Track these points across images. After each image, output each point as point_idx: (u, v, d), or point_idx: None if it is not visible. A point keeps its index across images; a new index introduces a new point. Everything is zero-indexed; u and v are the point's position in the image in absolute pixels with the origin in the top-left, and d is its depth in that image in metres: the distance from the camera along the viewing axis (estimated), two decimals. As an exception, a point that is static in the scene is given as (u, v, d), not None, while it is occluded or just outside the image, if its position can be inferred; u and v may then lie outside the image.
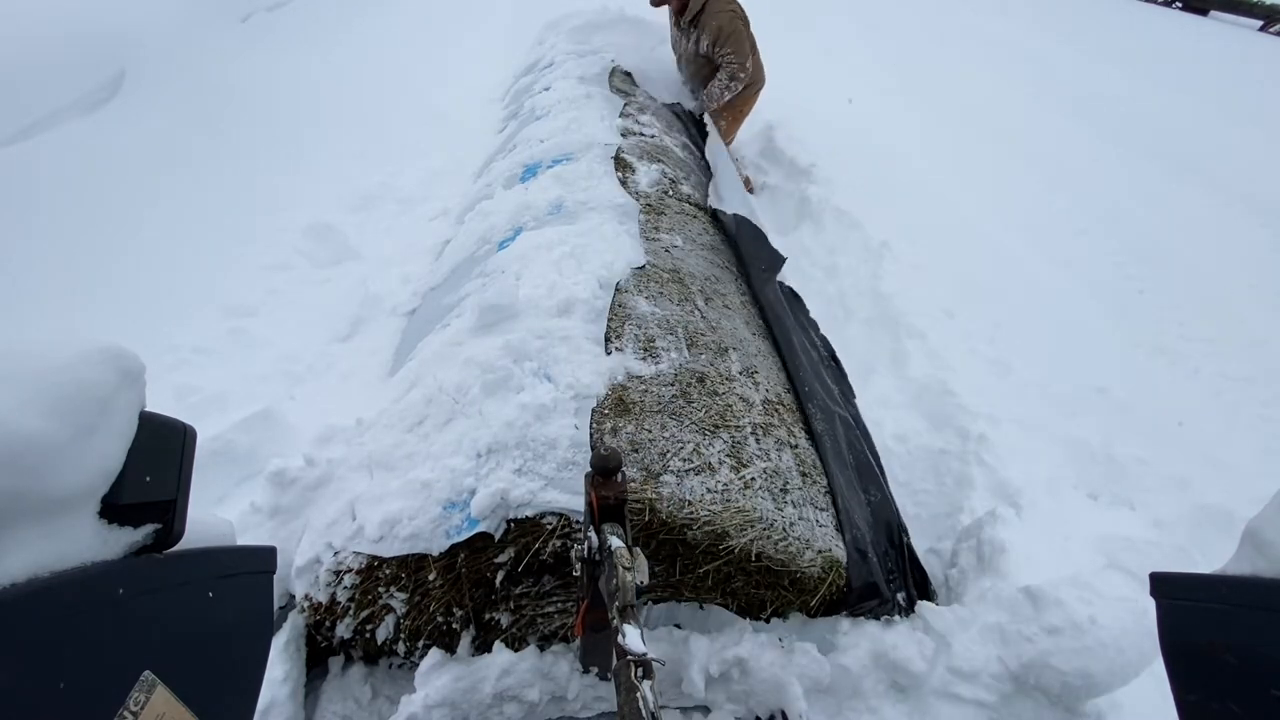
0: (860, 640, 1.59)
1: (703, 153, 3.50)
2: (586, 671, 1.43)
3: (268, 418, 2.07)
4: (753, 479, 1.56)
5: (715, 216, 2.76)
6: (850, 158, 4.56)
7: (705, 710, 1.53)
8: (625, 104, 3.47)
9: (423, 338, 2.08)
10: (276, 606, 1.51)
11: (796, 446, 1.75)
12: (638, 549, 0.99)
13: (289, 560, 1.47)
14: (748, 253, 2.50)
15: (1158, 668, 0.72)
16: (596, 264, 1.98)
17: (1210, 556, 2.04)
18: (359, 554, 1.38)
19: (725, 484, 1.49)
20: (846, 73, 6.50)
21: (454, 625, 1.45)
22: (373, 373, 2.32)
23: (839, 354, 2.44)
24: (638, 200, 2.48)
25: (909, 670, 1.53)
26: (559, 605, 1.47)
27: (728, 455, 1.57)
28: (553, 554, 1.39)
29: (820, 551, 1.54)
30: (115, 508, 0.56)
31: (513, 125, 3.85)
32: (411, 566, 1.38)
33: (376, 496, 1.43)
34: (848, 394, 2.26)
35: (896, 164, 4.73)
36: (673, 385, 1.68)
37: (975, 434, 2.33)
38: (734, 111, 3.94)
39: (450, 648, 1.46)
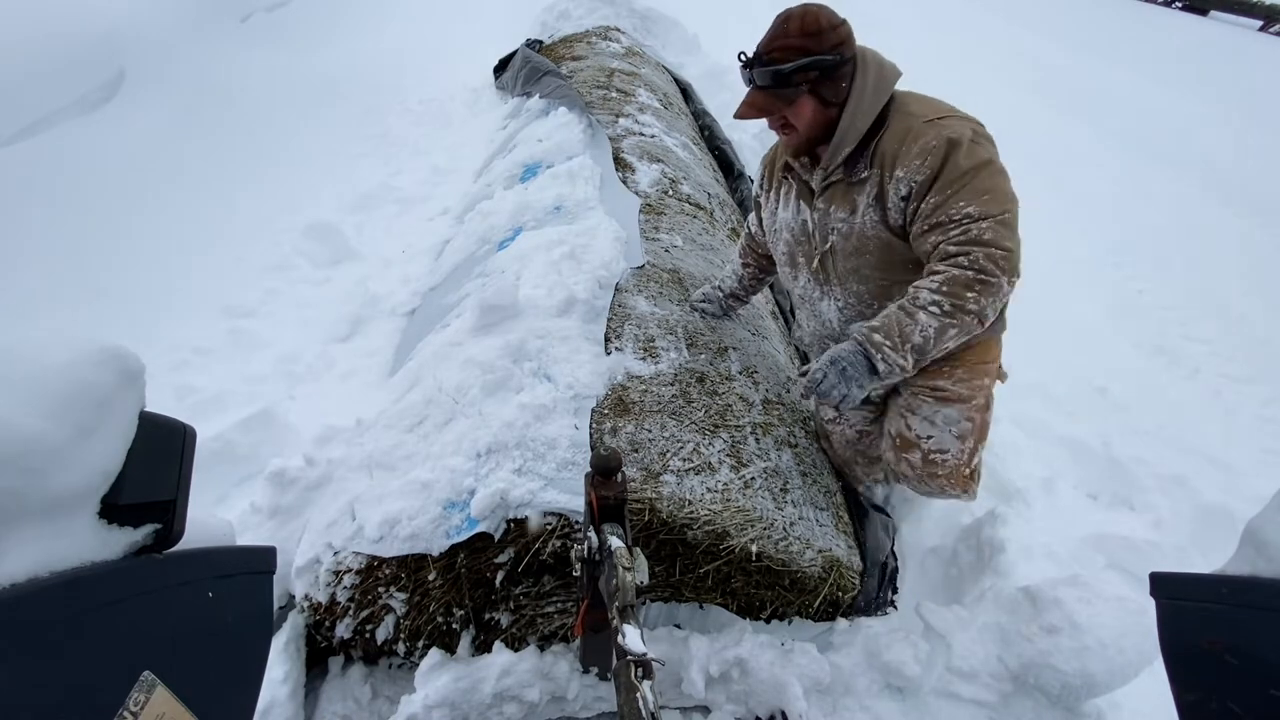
0: (855, 640, 1.60)
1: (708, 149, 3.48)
2: (586, 671, 1.43)
3: (268, 418, 2.07)
4: (753, 478, 1.56)
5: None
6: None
7: (705, 710, 1.53)
8: (626, 104, 3.47)
9: (423, 338, 2.08)
10: (276, 606, 1.50)
11: (796, 446, 1.75)
12: (638, 549, 0.99)
13: (289, 560, 1.47)
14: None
15: (1158, 668, 0.72)
16: (596, 264, 1.98)
17: (1210, 556, 2.04)
18: (359, 554, 1.38)
19: (725, 483, 1.50)
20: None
21: (454, 625, 1.45)
22: (373, 373, 2.32)
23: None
24: (638, 200, 2.48)
25: (903, 673, 1.53)
26: (559, 605, 1.46)
27: (727, 455, 1.57)
28: (553, 554, 1.39)
29: (821, 551, 1.54)
30: (115, 508, 0.56)
31: (513, 125, 3.85)
32: (411, 566, 1.38)
33: (376, 497, 1.43)
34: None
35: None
36: (672, 385, 1.68)
37: (975, 434, 2.32)
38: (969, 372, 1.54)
39: (450, 648, 1.46)
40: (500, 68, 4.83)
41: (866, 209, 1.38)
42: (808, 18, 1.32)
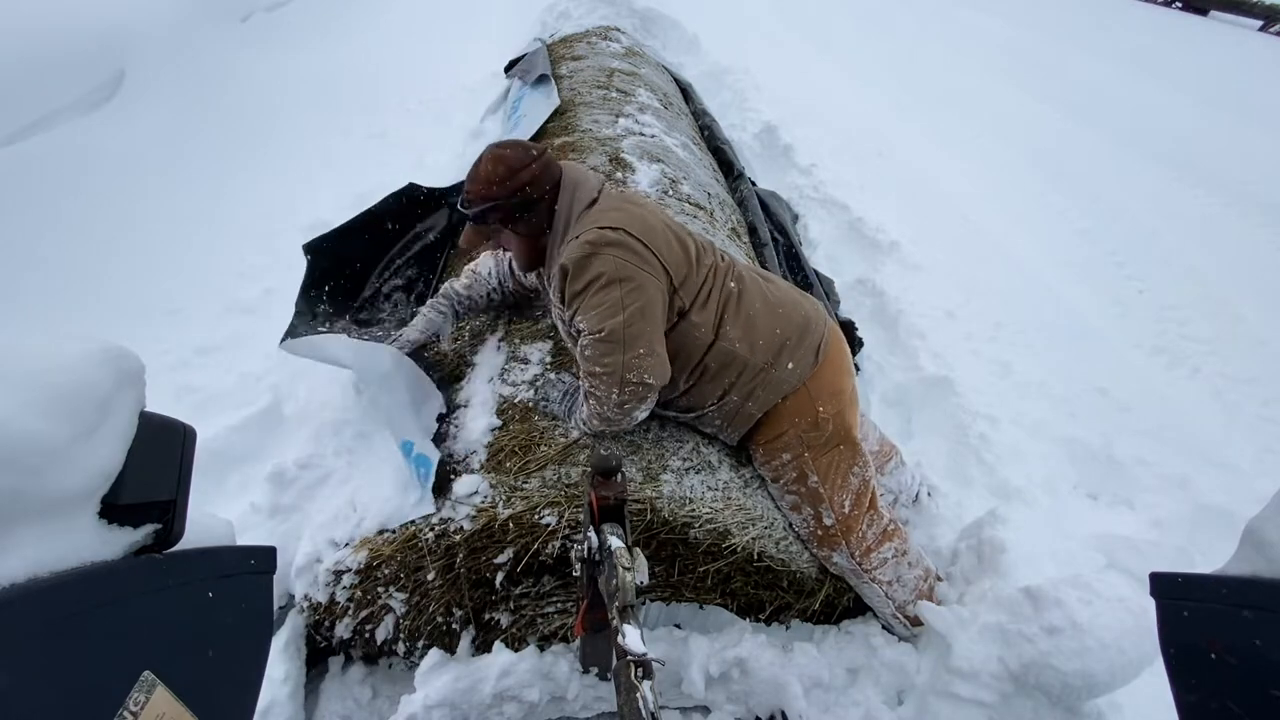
0: (855, 639, 1.59)
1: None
2: (586, 671, 1.43)
3: (268, 417, 2.07)
4: (753, 477, 1.56)
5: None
6: (851, 157, 4.57)
7: (705, 710, 1.53)
8: (626, 104, 3.47)
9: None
10: (276, 606, 1.51)
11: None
12: (637, 549, 0.99)
13: (289, 560, 1.47)
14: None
15: (1158, 668, 0.72)
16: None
17: (1210, 556, 2.04)
18: (358, 550, 1.38)
19: (725, 482, 1.50)
20: (847, 73, 6.50)
21: (454, 625, 1.45)
22: (373, 372, 2.31)
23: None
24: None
25: (903, 673, 1.53)
26: (559, 605, 1.47)
27: (728, 454, 1.57)
28: (553, 554, 1.39)
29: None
30: (115, 508, 0.56)
31: (513, 124, 3.85)
32: (411, 566, 1.38)
33: (375, 491, 1.44)
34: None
35: (897, 163, 4.72)
36: (673, 385, 1.68)
37: (975, 434, 2.32)
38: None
39: (450, 648, 1.46)
40: (510, 67, 4.86)
41: (566, 330, 1.45)
42: (493, 163, 1.33)
